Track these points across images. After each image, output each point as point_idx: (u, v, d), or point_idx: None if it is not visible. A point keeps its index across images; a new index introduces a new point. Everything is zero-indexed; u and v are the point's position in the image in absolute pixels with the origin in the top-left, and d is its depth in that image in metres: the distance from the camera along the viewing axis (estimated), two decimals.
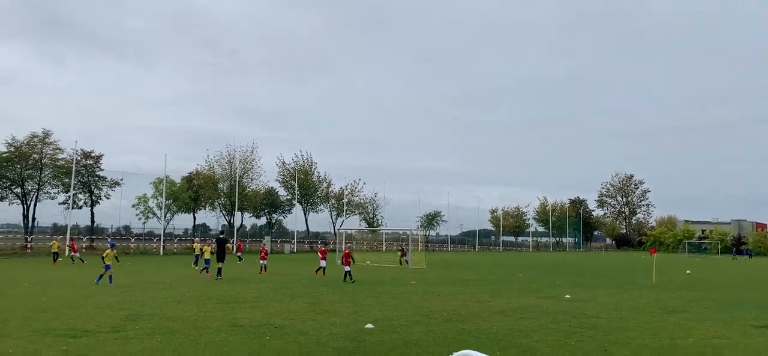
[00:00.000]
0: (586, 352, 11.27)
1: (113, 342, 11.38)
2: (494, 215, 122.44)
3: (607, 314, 17.09)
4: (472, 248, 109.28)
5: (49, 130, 60.88)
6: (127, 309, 16.07)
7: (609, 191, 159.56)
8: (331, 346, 11.50)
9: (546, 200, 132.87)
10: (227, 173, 76.92)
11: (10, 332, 12.26)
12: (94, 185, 65.51)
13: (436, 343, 11.98)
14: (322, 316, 15.56)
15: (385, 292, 22.46)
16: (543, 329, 14.01)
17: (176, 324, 13.72)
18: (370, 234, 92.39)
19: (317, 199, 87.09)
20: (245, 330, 13.16)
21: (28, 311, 15.43)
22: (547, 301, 20.22)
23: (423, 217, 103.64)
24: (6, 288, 21.12)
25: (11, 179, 59.36)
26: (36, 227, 62.67)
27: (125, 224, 71.86)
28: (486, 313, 16.80)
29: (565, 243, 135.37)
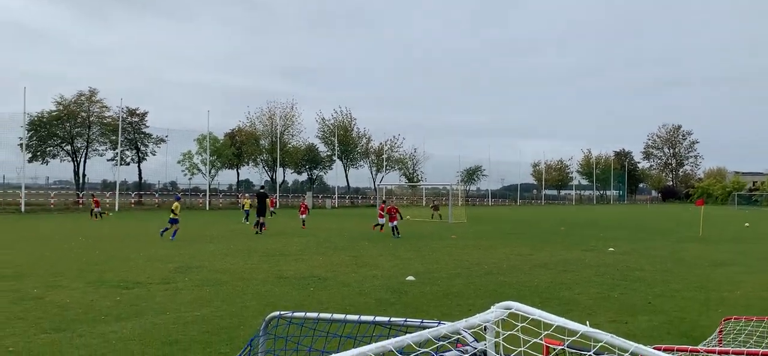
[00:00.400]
0: (630, 305, 11.19)
1: (164, 293, 11.82)
2: (536, 169, 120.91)
3: (651, 267, 16.88)
4: (514, 202, 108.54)
5: (95, 88, 62.40)
6: (176, 262, 16.61)
7: (656, 143, 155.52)
8: (373, 297, 11.70)
9: (590, 153, 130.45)
10: (268, 129, 77.82)
11: (67, 284, 12.83)
12: (140, 142, 67.14)
13: (476, 295, 12.07)
14: (365, 269, 15.80)
15: (425, 246, 22.61)
16: (585, 282, 13.95)
17: (224, 276, 14.14)
18: (409, 189, 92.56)
19: (357, 155, 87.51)
20: (290, 282, 13.48)
21: (82, 264, 16.09)
22: (589, 254, 20.06)
23: (463, 171, 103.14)
24: (61, 243, 22.04)
25: (61, 137, 61.30)
26: (87, 183, 64.80)
27: (171, 180, 73.66)
28: (527, 266, 16.79)
29: (609, 196, 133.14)
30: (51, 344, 7.96)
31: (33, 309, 10.19)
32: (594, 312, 10.53)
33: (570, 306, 10.99)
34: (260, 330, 4.13)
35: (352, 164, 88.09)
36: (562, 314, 3.28)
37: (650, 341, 7.98)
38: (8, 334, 8.45)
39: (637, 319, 9.94)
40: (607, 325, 9.25)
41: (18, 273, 14.26)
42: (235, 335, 8.55)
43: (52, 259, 16.93)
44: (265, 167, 79.27)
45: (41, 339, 8.22)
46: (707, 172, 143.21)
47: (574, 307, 10.92)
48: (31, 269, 14.92)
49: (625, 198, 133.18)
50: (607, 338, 2.33)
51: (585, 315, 10.04)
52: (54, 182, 67.04)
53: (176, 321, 9.43)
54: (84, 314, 9.83)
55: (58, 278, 13.54)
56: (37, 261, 16.40)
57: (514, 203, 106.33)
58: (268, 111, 78.53)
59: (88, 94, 61.69)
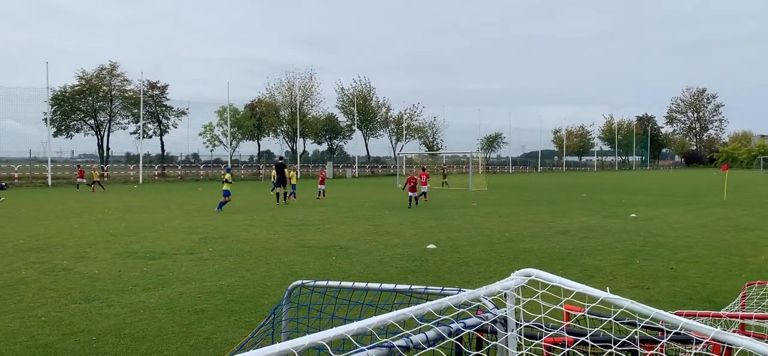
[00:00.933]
0: (653, 271, 11.16)
1: (189, 263, 12.04)
2: (557, 135, 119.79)
3: (674, 232, 16.76)
4: (535, 169, 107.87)
5: (115, 62, 62.86)
6: (200, 233, 16.87)
7: (679, 107, 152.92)
8: (394, 266, 11.80)
9: (612, 118, 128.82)
10: (288, 100, 77.98)
11: (96, 255, 13.12)
12: (161, 115, 67.73)
13: (497, 262, 12.11)
14: (385, 238, 15.91)
15: (446, 215, 22.65)
16: (607, 248, 13.91)
17: (247, 246, 14.34)
18: (430, 158, 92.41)
19: (376, 124, 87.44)
20: (312, 251, 13.64)
21: (109, 236, 16.41)
22: (611, 221, 19.95)
23: (483, 139, 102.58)
24: (88, 215, 22.46)
25: (84, 111, 62.08)
26: (111, 156, 65.71)
27: (194, 152, 74.38)
28: (548, 233, 16.76)
29: (632, 162, 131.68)
30: (81, 313, 8.18)
31: (63, 280, 10.46)
32: (615, 278, 10.52)
33: (591, 273, 10.98)
34: (283, 298, 4.21)
35: (371, 134, 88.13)
36: (584, 281, 3.30)
37: (672, 307, 7.97)
38: (40, 304, 8.70)
39: (659, 285, 9.91)
40: (628, 291, 9.25)
41: (47, 245, 14.60)
42: (259, 303, 8.71)
43: (80, 231, 17.29)
44: (286, 137, 79.63)
45: (72, 308, 8.46)
46: (732, 136, 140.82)
47: (595, 274, 10.91)
48: (59, 241, 15.27)
49: (647, 164, 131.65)
50: (628, 304, 2.34)
51: (606, 282, 10.04)
52: (79, 155, 68.11)
53: (202, 290, 9.62)
54: (112, 284, 10.07)
55: (86, 250, 13.84)
56: (65, 234, 16.77)
57: (535, 170, 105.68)
58: (287, 82, 78.71)
59: (109, 68, 62.22)
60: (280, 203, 27.88)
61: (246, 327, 7.42)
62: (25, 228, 18.12)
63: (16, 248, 14.12)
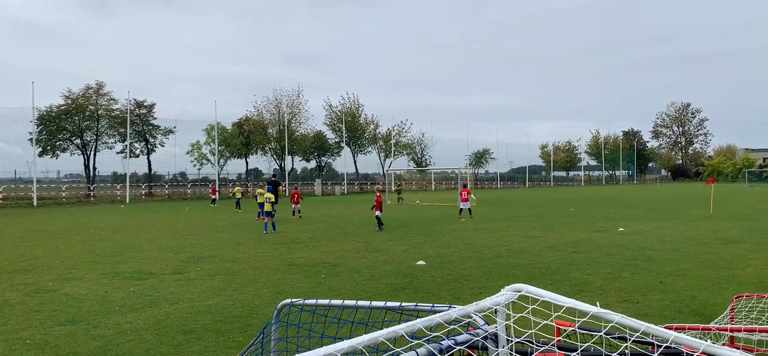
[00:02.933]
0: (641, 284, 11.19)
1: (177, 283, 11.93)
2: (544, 151, 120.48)
3: (662, 246, 16.85)
4: (523, 184, 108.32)
5: (102, 81, 62.59)
6: (187, 252, 16.73)
7: (664, 122, 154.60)
8: (384, 283, 11.76)
9: (598, 133, 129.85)
10: (275, 118, 77.91)
11: (82, 275, 12.97)
12: (148, 134, 67.39)
13: (487, 278, 12.10)
14: (375, 254, 15.86)
15: (435, 230, 22.65)
16: (596, 262, 13.95)
17: (235, 265, 14.23)
18: (418, 174, 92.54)
19: (365, 141, 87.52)
20: (301, 269, 13.56)
21: (95, 256, 16.24)
22: (600, 235, 20.03)
23: (471, 155, 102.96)
24: (74, 235, 22.23)
25: (71, 130, 61.63)
26: (98, 176, 65.20)
27: (181, 171, 73.98)
28: (537, 248, 16.79)
29: (619, 176, 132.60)
30: (67, 335, 8.06)
31: (48, 301, 10.31)
32: (605, 292, 10.54)
33: (581, 287, 11.00)
34: (272, 317, 4.17)
35: (360, 151, 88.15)
36: (573, 295, 3.30)
37: (661, 320, 7.99)
38: (25, 327, 8.56)
39: (648, 299, 9.94)
40: (618, 305, 9.27)
41: (33, 266, 14.42)
42: (248, 323, 8.63)
43: (66, 252, 17.10)
44: (274, 155, 79.45)
45: (57, 331, 8.33)
46: (717, 150, 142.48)
47: (585, 288, 10.93)
48: (45, 262, 15.08)
49: (634, 178, 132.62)
50: (618, 318, 2.34)
51: (596, 296, 10.05)
52: (65, 175, 67.47)
53: (190, 310, 9.52)
54: (99, 305, 9.95)
55: (73, 270, 13.68)
56: (51, 254, 16.57)
57: (523, 186, 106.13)
58: (274, 99, 78.70)
59: (95, 87, 61.92)
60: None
61: (235, 347, 7.34)
62: (11, 249, 17.89)
63: (1, 269, 13.92)
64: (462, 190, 29.90)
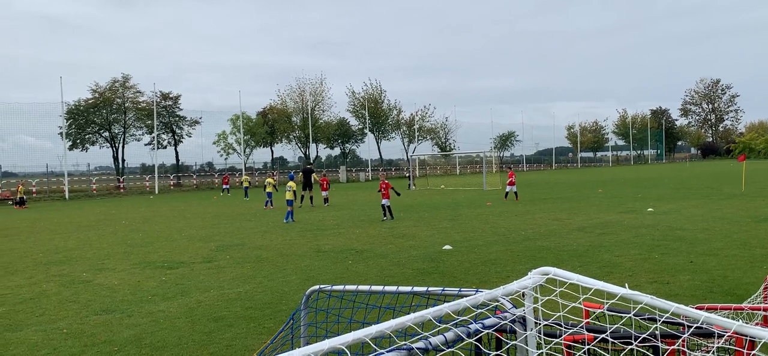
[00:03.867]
0: (671, 265, 11.05)
1: (207, 272, 12.11)
2: (571, 132, 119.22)
3: (692, 225, 16.59)
4: (549, 166, 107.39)
5: (128, 74, 63.47)
6: (216, 241, 16.97)
7: (693, 99, 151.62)
8: (410, 268, 11.79)
9: (626, 113, 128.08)
10: (299, 106, 78.25)
11: (114, 266, 13.24)
12: (175, 125, 68.27)
13: (514, 261, 12.06)
14: (401, 240, 15.90)
15: (461, 215, 22.60)
16: (625, 244, 13.80)
17: (264, 252, 14.40)
18: (443, 159, 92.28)
19: (388, 127, 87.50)
20: (328, 255, 13.66)
21: (127, 246, 16.56)
22: (628, 216, 19.80)
23: (496, 138, 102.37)
24: (105, 226, 22.68)
25: (99, 123, 62.70)
26: (126, 168, 66.31)
27: (208, 161, 74.88)
28: (565, 230, 16.67)
29: (647, 156, 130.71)
30: (102, 325, 8.26)
31: (83, 291, 10.56)
32: (634, 273, 10.43)
33: (610, 269, 10.90)
34: (301, 303, 4.23)
35: (383, 137, 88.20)
36: (602, 277, 3.28)
37: (692, 300, 7.90)
38: (62, 316, 8.79)
39: (678, 279, 9.82)
40: (647, 286, 9.18)
41: (67, 257, 14.76)
42: (277, 309, 8.74)
43: (98, 243, 17.47)
44: (298, 143, 79.89)
45: (92, 320, 8.54)
46: (749, 126, 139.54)
47: (614, 270, 10.83)
48: (79, 253, 15.43)
49: (663, 157, 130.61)
50: (647, 299, 2.33)
51: (625, 278, 9.96)
52: (95, 168, 68.77)
53: (220, 298, 9.68)
54: (132, 295, 10.16)
55: (105, 261, 13.98)
56: (84, 246, 16.94)
57: (550, 168, 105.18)
58: (297, 88, 79.00)
59: (121, 80, 62.81)
60: (304, 205, 28.59)
61: (265, 334, 7.44)
62: (45, 242, 18.33)
63: (37, 261, 14.29)
64: (509, 173, 30.29)
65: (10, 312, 9.24)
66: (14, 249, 16.79)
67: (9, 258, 15.02)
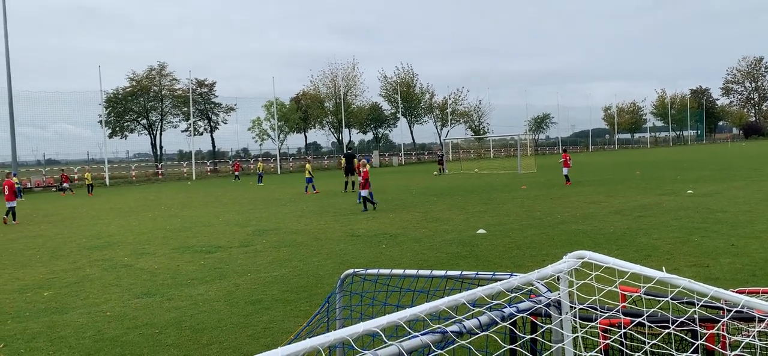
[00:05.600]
0: (711, 248, 10.82)
1: (244, 256, 12.32)
2: (608, 113, 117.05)
3: (734, 208, 16.19)
4: (585, 148, 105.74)
5: (164, 62, 64.51)
6: (253, 225, 17.22)
7: (735, 78, 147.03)
8: (444, 252, 11.79)
9: (664, 93, 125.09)
10: (332, 91, 78.53)
11: (154, 250, 13.56)
12: (210, 112, 69.25)
13: (549, 245, 11.96)
14: (435, 224, 15.90)
15: (495, 198, 22.46)
16: (664, 226, 13.55)
17: (299, 237, 14.57)
18: (476, 142, 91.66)
19: (421, 111, 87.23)
20: (362, 240, 13.75)
21: (166, 231, 16.93)
22: (667, 198, 19.41)
23: (531, 120, 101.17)
24: (145, 212, 23.20)
25: (137, 111, 64.00)
26: (164, 154, 67.62)
27: (243, 147, 75.87)
28: (602, 213, 16.44)
29: (687, 137, 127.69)
30: (144, 307, 8.49)
31: (125, 275, 10.86)
32: (673, 257, 10.25)
33: (648, 253, 10.73)
34: (336, 287, 4.28)
35: (416, 121, 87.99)
36: (639, 261, 3.25)
37: (734, 284, 7.73)
38: (105, 300, 9.06)
39: (718, 262, 9.61)
40: (686, 270, 9.01)
41: (109, 242, 15.17)
42: (313, 293, 8.86)
43: (139, 228, 17.89)
44: (331, 129, 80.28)
45: (134, 303, 8.78)
46: None
47: (652, 253, 10.66)
48: (120, 238, 15.84)
49: (703, 138, 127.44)
50: (685, 283, 2.30)
51: (663, 261, 9.79)
52: (134, 155, 70.36)
53: (257, 281, 9.84)
54: (172, 278, 10.40)
55: (146, 246, 14.32)
56: (124, 231, 17.38)
57: (586, 150, 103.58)
58: (330, 73, 79.26)
59: (158, 68, 63.89)
60: (347, 190, 28.76)
61: (301, 316, 7.56)
62: (88, 227, 18.86)
63: (80, 246, 14.72)
64: (564, 155, 29.92)
65: (56, 295, 9.56)
66: (59, 235, 17.32)
67: (55, 243, 15.50)
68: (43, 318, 8.20)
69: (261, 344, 6.72)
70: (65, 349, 6.82)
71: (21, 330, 7.64)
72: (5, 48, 42.76)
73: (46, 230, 18.59)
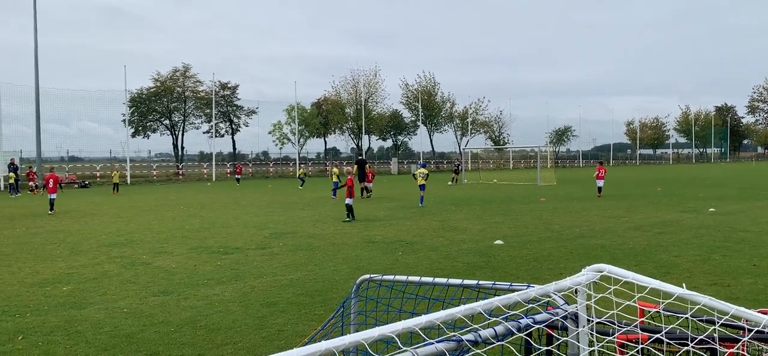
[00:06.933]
0: (733, 267, 10.65)
1: (261, 258, 12.37)
2: (630, 128, 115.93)
3: (756, 227, 15.92)
4: (607, 163, 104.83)
5: (188, 64, 65.22)
6: (270, 228, 17.29)
7: (762, 96, 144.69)
8: (461, 261, 11.74)
9: (688, 109, 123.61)
10: (353, 97, 78.77)
11: (172, 249, 13.68)
12: (232, 114, 69.83)
13: (567, 258, 11.85)
14: (452, 233, 15.84)
15: (513, 210, 22.33)
16: (684, 244, 13.37)
17: (316, 241, 14.60)
18: (496, 153, 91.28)
19: (441, 119, 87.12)
20: (379, 246, 13.74)
21: (185, 231, 17.06)
22: (688, 215, 19.15)
23: (552, 133, 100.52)
24: (165, 211, 23.42)
25: (160, 112, 64.75)
26: (185, 155, 68.26)
27: (263, 150, 76.34)
28: (621, 228, 16.26)
29: (710, 154, 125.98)
30: (160, 306, 8.55)
31: (142, 273, 10.96)
32: (693, 274, 10.10)
33: (667, 269, 10.59)
34: (352, 292, 4.28)
35: (436, 129, 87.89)
36: (659, 277, 3.20)
37: (755, 304, 7.59)
38: (122, 296, 9.15)
39: (740, 282, 9.45)
40: (706, 288, 8.87)
41: (128, 240, 15.33)
42: (328, 297, 8.86)
43: (158, 227, 18.06)
44: (351, 135, 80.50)
45: (151, 301, 8.85)
46: None
47: (671, 270, 10.52)
48: (139, 236, 16.00)
49: (727, 156, 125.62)
50: (705, 300, 2.26)
51: (683, 278, 9.65)
52: (155, 154, 71.14)
53: (273, 284, 9.87)
54: (188, 278, 10.47)
55: (164, 245, 14.45)
56: (144, 229, 17.55)
57: (607, 164, 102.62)
58: (352, 79, 79.51)
59: (182, 69, 64.60)
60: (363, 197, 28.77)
61: (316, 320, 7.56)
62: (108, 224, 19.08)
63: (100, 243, 14.89)
64: (599, 167, 29.51)
65: (75, 290, 9.67)
66: (80, 231, 17.54)
67: (75, 239, 15.70)
68: (61, 312, 8.30)
69: (275, 346, 6.73)
70: (82, 344, 6.89)
71: (40, 323, 7.74)
72: (34, 48, 43.50)
73: (67, 226, 18.84)
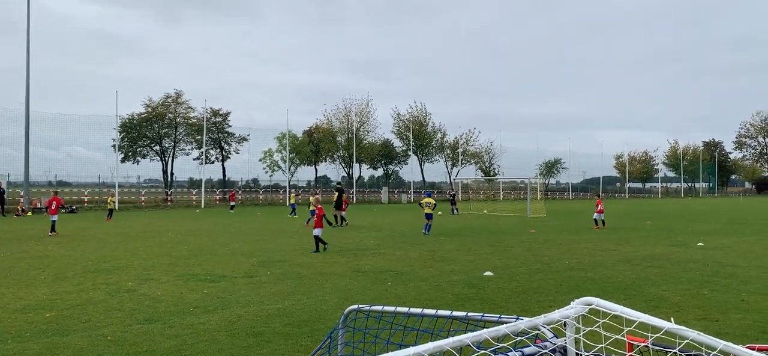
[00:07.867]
0: (722, 302, 10.66)
1: (248, 286, 12.25)
2: (619, 161, 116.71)
3: (745, 262, 15.99)
4: (596, 195, 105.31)
5: (180, 90, 65.26)
6: (258, 256, 17.17)
7: (749, 132, 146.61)
8: (450, 293, 11.68)
9: (677, 144, 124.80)
10: (344, 126, 78.97)
11: (159, 277, 13.53)
12: (223, 141, 69.72)
13: (556, 291, 11.82)
14: (441, 264, 15.78)
15: (503, 241, 22.32)
16: (673, 278, 13.38)
17: (304, 270, 14.49)
18: (486, 183, 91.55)
19: (432, 149, 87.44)
20: (368, 276, 13.66)
21: (172, 258, 16.90)
22: (677, 249, 19.21)
23: (542, 165, 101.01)
24: (152, 238, 23.21)
25: (150, 137, 64.55)
26: (175, 181, 67.93)
27: (253, 177, 76.14)
28: (611, 262, 16.27)
29: (698, 189, 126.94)
30: (145, 334, 8.42)
31: (128, 300, 10.81)
32: (681, 309, 10.09)
33: (656, 303, 10.58)
34: (339, 322, 4.22)
35: (427, 159, 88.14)
36: (648, 311, 3.19)
37: (743, 340, 7.57)
38: (106, 324, 9.01)
39: (728, 317, 9.45)
40: (695, 323, 8.85)
41: (114, 266, 15.16)
42: (315, 327, 8.77)
43: (144, 254, 17.88)
44: (342, 163, 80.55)
45: (136, 329, 8.72)
46: None
47: (660, 304, 10.51)
48: (125, 263, 15.83)
49: (715, 191, 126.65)
50: (694, 335, 2.25)
51: (672, 313, 9.64)
52: (144, 180, 70.73)
53: (260, 313, 9.76)
54: (174, 306, 10.34)
55: (150, 272, 14.29)
56: (130, 256, 17.37)
57: (597, 197, 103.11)
58: (344, 108, 79.79)
59: (174, 95, 64.61)
60: (334, 225, 28.31)
61: (302, 351, 7.47)
62: (94, 250, 18.87)
63: (86, 269, 14.71)
64: (597, 201, 30.50)
65: (58, 317, 9.52)
66: (65, 256, 17.34)
67: (60, 265, 15.51)
68: (43, 339, 8.15)
69: None
70: None
71: (20, 351, 7.59)
72: (26, 71, 43.37)
73: (52, 251, 18.62)
